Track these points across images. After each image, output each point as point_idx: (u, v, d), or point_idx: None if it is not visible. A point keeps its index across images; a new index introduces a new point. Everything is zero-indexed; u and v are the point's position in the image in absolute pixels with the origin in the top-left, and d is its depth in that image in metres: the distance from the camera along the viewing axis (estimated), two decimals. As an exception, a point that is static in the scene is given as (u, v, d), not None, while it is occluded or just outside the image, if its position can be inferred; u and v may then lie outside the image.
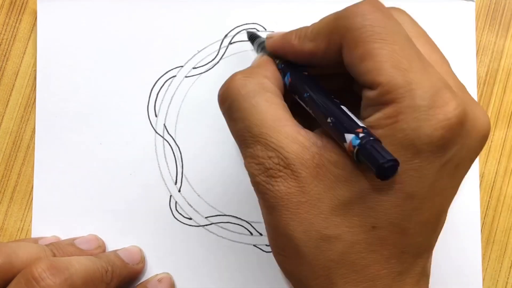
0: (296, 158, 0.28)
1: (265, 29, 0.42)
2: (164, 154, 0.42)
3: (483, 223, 0.41)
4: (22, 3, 0.43)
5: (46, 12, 0.42)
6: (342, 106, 0.28)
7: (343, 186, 0.27)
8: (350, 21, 0.28)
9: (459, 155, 0.27)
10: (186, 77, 0.42)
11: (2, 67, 0.43)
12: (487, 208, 0.41)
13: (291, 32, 0.32)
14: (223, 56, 0.42)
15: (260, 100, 0.29)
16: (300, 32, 0.31)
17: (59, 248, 0.37)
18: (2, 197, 0.42)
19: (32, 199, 0.41)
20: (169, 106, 0.42)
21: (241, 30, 0.42)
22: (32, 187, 0.41)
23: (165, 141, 0.42)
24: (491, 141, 0.42)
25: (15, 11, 0.43)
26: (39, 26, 0.42)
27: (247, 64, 0.42)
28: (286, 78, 0.31)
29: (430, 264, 0.31)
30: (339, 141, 0.27)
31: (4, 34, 0.43)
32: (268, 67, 0.32)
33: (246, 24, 0.42)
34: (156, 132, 0.42)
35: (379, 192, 0.27)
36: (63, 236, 0.41)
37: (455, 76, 0.30)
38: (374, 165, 0.24)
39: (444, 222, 0.30)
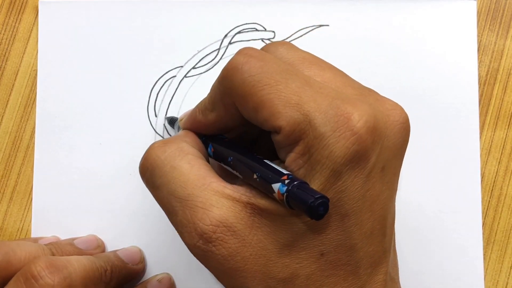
0: (228, 212, 0.27)
1: (265, 29, 0.42)
2: (164, 154, 0.41)
3: (483, 223, 0.41)
4: (22, 3, 0.43)
5: (47, 12, 0.43)
6: (265, 160, 0.28)
7: (282, 229, 0.27)
8: (230, 80, 0.28)
9: (381, 158, 0.27)
10: (186, 77, 0.42)
11: (2, 67, 0.43)
12: (487, 208, 0.41)
13: (194, 109, 0.32)
14: (223, 56, 0.42)
15: (181, 163, 0.29)
16: (201, 106, 0.31)
17: (58, 248, 0.37)
18: (1, 197, 0.42)
19: (31, 199, 0.41)
20: (169, 106, 0.42)
21: (241, 30, 0.42)
22: (32, 187, 0.41)
23: (165, 141, 0.42)
24: (492, 141, 0.41)
25: (15, 10, 0.43)
26: (40, 26, 0.42)
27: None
28: (209, 149, 0.32)
29: (395, 265, 0.31)
30: (269, 194, 0.27)
31: (4, 34, 0.43)
32: (188, 135, 0.32)
33: (246, 24, 0.42)
34: (156, 132, 0.42)
35: (314, 225, 0.27)
36: (63, 236, 0.41)
37: (354, 82, 0.30)
38: (305, 207, 0.24)
39: (393, 222, 0.30)
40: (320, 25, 0.42)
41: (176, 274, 0.40)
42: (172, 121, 0.40)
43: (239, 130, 0.32)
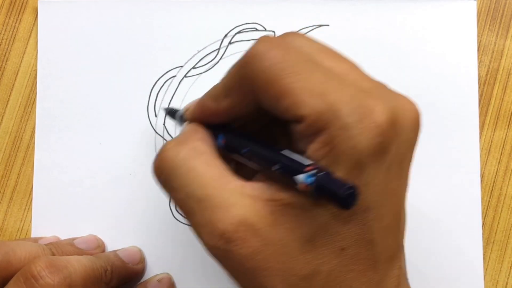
0: (249, 211, 0.26)
1: (265, 29, 0.42)
2: (164, 154, 0.41)
3: (483, 223, 0.41)
4: (22, 3, 0.43)
5: (47, 12, 0.43)
6: (283, 152, 0.28)
7: (302, 224, 0.27)
8: (252, 67, 0.27)
9: (399, 152, 0.27)
10: (186, 77, 0.42)
11: (2, 67, 0.43)
12: (487, 208, 0.41)
13: (204, 97, 0.31)
14: (223, 56, 0.42)
15: (197, 163, 0.28)
16: (213, 93, 0.31)
17: (58, 248, 0.37)
18: (1, 197, 0.42)
19: (31, 199, 0.41)
20: (169, 106, 0.42)
21: (241, 30, 0.42)
22: (32, 187, 0.41)
23: (165, 141, 0.42)
24: (491, 141, 0.41)
25: (15, 11, 0.43)
26: (39, 26, 0.42)
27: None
28: (219, 140, 0.31)
29: (405, 261, 0.31)
30: (290, 185, 0.26)
31: (4, 34, 0.43)
32: (199, 130, 0.31)
33: (246, 23, 0.42)
34: (156, 132, 0.42)
35: (337, 217, 0.27)
36: (63, 236, 0.41)
37: (369, 76, 0.30)
38: (335, 198, 0.24)
39: (405, 218, 0.30)
40: (320, 25, 0.42)
41: (176, 274, 0.40)
42: (172, 112, 0.38)
43: (246, 119, 0.32)
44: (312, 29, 0.42)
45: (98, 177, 0.41)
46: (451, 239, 0.40)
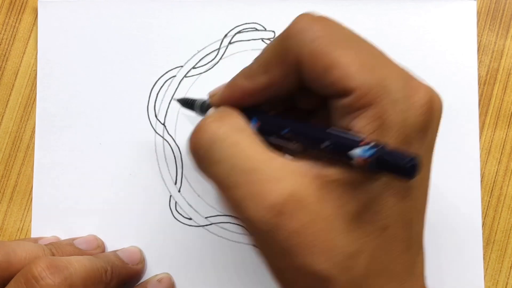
0: (297, 186, 0.26)
1: (265, 29, 0.42)
2: (164, 154, 0.42)
3: (483, 223, 0.41)
4: (22, 3, 0.43)
5: (47, 12, 0.42)
6: (328, 130, 0.27)
7: (350, 200, 0.26)
8: (299, 38, 0.27)
9: (434, 134, 0.28)
10: (186, 77, 0.42)
11: (2, 67, 0.43)
12: (487, 208, 0.41)
13: (236, 78, 0.31)
14: (223, 56, 0.42)
15: (241, 137, 0.27)
16: (247, 72, 0.30)
17: (58, 248, 0.37)
18: (1, 197, 0.42)
19: (31, 199, 0.41)
20: (169, 106, 0.42)
21: (241, 30, 0.42)
22: (32, 187, 0.41)
23: (165, 141, 0.42)
24: (491, 141, 0.41)
25: (15, 11, 0.43)
26: (39, 26, 0.42)
27: (247, 64, 0.42)
28: (253, 124, 0.30)
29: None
30: (339, 161, 0.26)
31: (4, 34, 0.43)
32: (233, 111, 0.30)
33: (246, 23, 0.42)
34: (156, 132, 0.42)
35: (382, 194, 0.27)
36: (63, 236, 0.41)
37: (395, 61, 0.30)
38: (398, 169, 0.24)
39: (426, 206, 0.30)
40: (320, 25, 0.42)
41: (176, 274, 0.40)
42: (187, 102, 0.37)
43: (278, 101, 0.31)
44: (312, 29, 0.42)
45: (98, 177, 0.41)
46: (451, 239, 0.40)
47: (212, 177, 0.28)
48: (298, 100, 0.32)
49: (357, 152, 0.25)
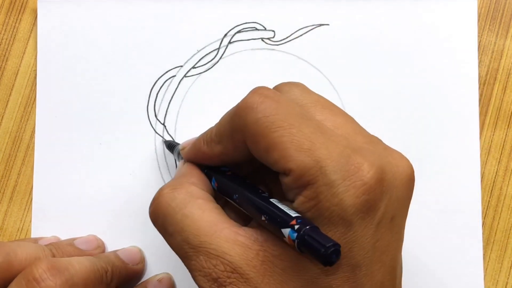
0: (241, 260, 0.27)
1: (265, 28, 0.42)
2: (164, 154, 0.41)
3: (483, 223, 0.41)
4: (22, 3, 0.43)
5: (46, 12, 0.42)
6: (272, 200, 0.28)
7: (293, 277, 0.27)
8: (244, 119, 0.28)
9: (390, 208, 0.27)
10: (185, 76, 0.42)
11: (2, 67, 0.43)
12: (487, 208, 0.41)
13: (199, 139, 0.32)
14: (223, 56, 0.42)
15: (192, 209, 0.29)
16: (206, 137, 0.32)
17: (58, 248, 0.37)
18: (1, 197, 0.42)
19: (31, 199, 0.41)
20: (168, 106, 0.42)
21: (241, 29, 0.42)
22: (32, 187, 0.41)
23: (164, 141, 0.42)
24: (491, 141, 0.42)
25: (15, 11, 0.43)
26: (39, 26, 0.42)
27: (247, 63, 0.42)
28: (213, 182, 0.32)
29: None
30: (278, 236, 0.27)
31: (4, 34, 0.43)
32: (193, 173, 0.32)
33: (246, 23, 0.42)
34: (156, 132, 0.42)
35: (327, 273, 0.27)
36: (63, 236, 0.41)
37: (363, 129, 0.30)
38: (317, 254, 0.24)
39: (401, 273, 0.30)
40: (320, 25, 0.42)
41: (176, 274, 0.40)
42: (170, 146, 0.39)
43: (239, 163, 0.32)
44: (312, 29, 0.42)
45: (98, 177, 0.41)
46: (451, 239, 0.40)
47: (170, 246, 0.30)
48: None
49: (286, 231, 0.26)
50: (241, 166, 0.33)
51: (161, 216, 0.30)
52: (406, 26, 0.42)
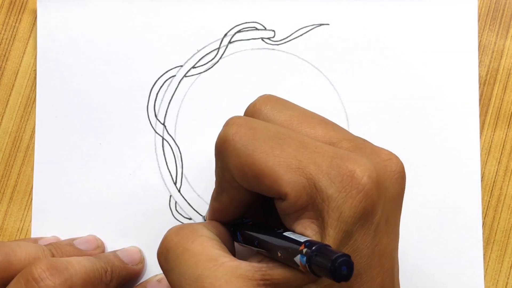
0: None
1: (265, 28, 0.42)
2: (164, 154, 0.41)
3: (483, 223, 0.41)
4: (22, 3, 0.43)
5: (46, 12, 0.42)
6: (285, 233, 0.27)
7: None
8: (224, 154, 0.28)
9: (385, 210, 0.27)
10: (185, 76, 0.42)
11: (2, 67, 0.43)
12: (487, 208, 0.41)
13: (210, 200, 0.33)
14: (223, 55, 0.42)
15: (193, 244, 0.28)
16: (214, 193, 0.32)
17: (57, 248, 0.37)
18: (1, 197, 0.42)
19: (31, 199, 0.41)
20: (168, 106, 0.42)
21: (241, 29, 0.42)
22: (32, 187, 0.41)
23: (165, 141, 0.42)
24: (491, 141, 0.41)
25: (15, 11, 0.43)
26: (39, 26, 0.42)
27: (247, 63, 0.42)
28: (239, 238, 0.32)
29: None
30: (296, 268, 0.26)
31: (4, 34, 0.43)
32: (210, 222, 0.32)
33: (246, 22, 0.42)
34: (156, 132, 0.42)
35: (332, 286, 0.27)
36: (63, 236, 0.41)
37: (347, 133, 0.30)
38: (327, 271, 0.24)
39: (398, 272, 0.30)
40: (321, 24, 0.42)
41: (176, 274, 0.40)
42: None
43: (253, 205, 0.32)
44: (312, 28, 0.42)
45: (98, 177, 0.41)
46: (451, 239, 0.40)
47: (170, 283, 0.29)
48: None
49: (298, 259, 0.25)
50: (262, 207, 0.32)
51: (164, 252, 0.29)
52: (406, 26, 0.42)
